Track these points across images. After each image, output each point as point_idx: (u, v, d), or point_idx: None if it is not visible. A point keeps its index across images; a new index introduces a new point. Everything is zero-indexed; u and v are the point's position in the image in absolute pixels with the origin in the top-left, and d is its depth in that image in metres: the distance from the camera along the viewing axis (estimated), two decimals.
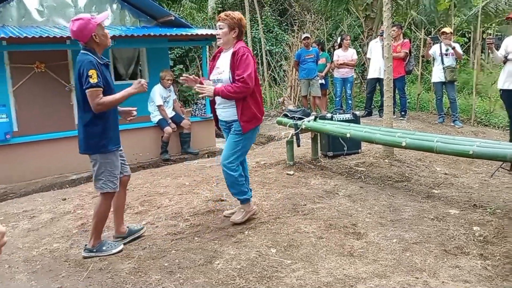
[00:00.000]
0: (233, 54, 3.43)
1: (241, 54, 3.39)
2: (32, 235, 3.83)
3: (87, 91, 3.05)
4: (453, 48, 7.89)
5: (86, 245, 3.35)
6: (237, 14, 3.54)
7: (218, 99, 3.60)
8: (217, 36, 3.56)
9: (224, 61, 3.54)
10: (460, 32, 15.95)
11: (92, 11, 7.89)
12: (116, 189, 3.31)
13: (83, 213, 4.32)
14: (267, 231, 3.51)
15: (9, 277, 3.05)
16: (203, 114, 8.33)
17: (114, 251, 3.31)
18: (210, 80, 3.63)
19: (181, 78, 3.61)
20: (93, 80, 3.03)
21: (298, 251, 3.13)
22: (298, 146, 5.22)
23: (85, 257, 3.28)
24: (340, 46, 9.45)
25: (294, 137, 5.20)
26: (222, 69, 3.53)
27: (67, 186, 6.14)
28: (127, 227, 3.58)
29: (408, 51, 8.44)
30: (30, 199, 5.09)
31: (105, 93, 3.13)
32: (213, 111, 3.79)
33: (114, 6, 8.16)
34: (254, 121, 3.54)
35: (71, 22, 3.14)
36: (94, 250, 3.29)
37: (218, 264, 3.02)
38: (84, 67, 3.05)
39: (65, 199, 4.85)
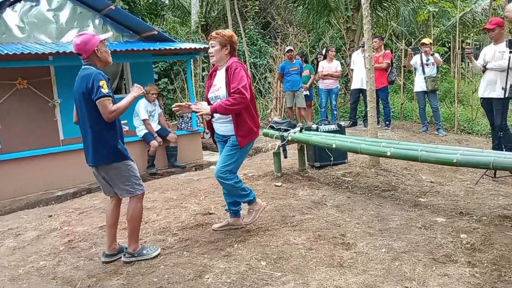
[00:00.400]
0: (226, 69, 3.50)
1: (234, 68, 3.45)
2: (18, 253, 3.76)
3: (99, 101, 3.09)
4: (432, 55, 8.07)
5: (126, 248, 3.38)
6: (227, 31, 3.62)
7: (216, 115, 3.63)
8: (210, 55, 3.62)
9: (220, 79, 3.60)
10: (440, 42, 16.35)
11: (74, 26, 7.88)
12: (144, 190, 3.43)
13: (69, 229, 4.25)
14: (256, 243, 3.51)
15: None
16: (189, 128, 8.32)
17: (154, 254, 3.39)
18: (208, 97, 3.69)
19: (173, 108, 3.69)
20: (105, 90, 3.09)
21: (288, 263, 3.12)
22: (286, 157, 5.25)
23: (126, 262, 3.32)
24: (325, 57, 9.58)
25: (281, 148, 5.23)
26: (218, 86, 3.59)
27: (53, 202, 6.05)
28: (118, 244, 3.54)
29: (390, 62, 8.60)
30: (15, 216, 5.00)
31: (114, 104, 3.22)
32: (209, 123, 3.85)
33: (96, 21, 8.15)
34: (251, 135, 3.59)
35: (76, 37, 3.23)
36: (136, 255, 3.33)
37: (208, 278, 3.00)
38: (94, 79, 3.10)
39: (51, 216, 4.78)
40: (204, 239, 3.70)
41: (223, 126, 3.65)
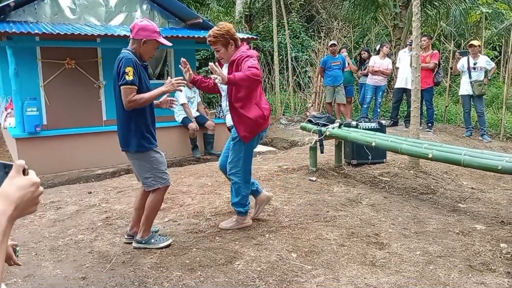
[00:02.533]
0: (231, 63, 3.40)
1: (238, 59, 3.34)
2: (58, 226, 3.92)
3: (122, 87, 3.09)
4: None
5: (135, 236, 3.39)
6: (222, 27, 3.41)
7: (223, 105, 3.63)
8: (220, 60, 3.52)
9: (225, 69, 3.49)
10: (491, 45, 15.66)
11: (122, 10, 8.07)
12: (167, 183, 3.35)
13: (107, 207, 4.39)
14: (288, 235, 3.51)
15: (35, 264, 3.13)
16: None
17: (161, 244, 3.34)
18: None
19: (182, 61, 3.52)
20: (129, 77, 3.07)
21: (319, 257, 3.11)
22: (322, 152, 5.20)
23: (135, 248, 3.34)
24: (378, 52, 9.35)
25: (318, 143, 5.18)
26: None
27: (93, 180, 6.26)
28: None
29: (437, 62, 8.32)
30: (57, 190, 5.21)
31: (141, 93, 3.16)
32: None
33: (144, 6, 8.31)
34: (256, 128, 3.48)
35: (144, 19, 3.25)
36: (143, 242, 3.34)
37: (239, 265, 3.03)
38: (123, 64, 3.10)
39: (90, 193, 4.95)
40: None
41: (229, 115, 3.58)
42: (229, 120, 3.65)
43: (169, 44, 3.36)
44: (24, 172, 0.99)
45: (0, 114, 8.24)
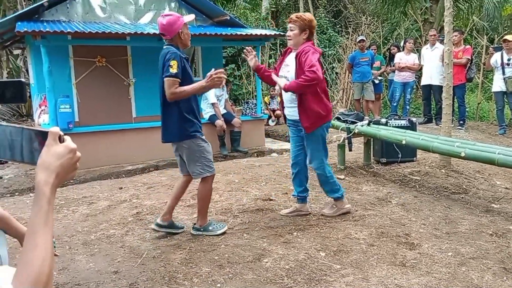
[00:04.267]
0: (298, 53, 3.50)
1: (306, 52, 3.44)
2: (91, 220, 4.03)
3: (165, 79, 3.19)
4: None
5: (194, 224, 3.56)
6: (308, 15, 3.61)
7: (285, 99, 3.72)
8: (288, 38, 3.64)
9: (292, 59, 3.62)
10: None
11: (151, 8, 8.17)
12: (213, 172, 3.49)
13: (138, 202, 4.48)
14: (316, 234, 3.49)
15: (69, 258, 3.23)
16: (253, 114, 8.40)
17: (218, 232, 3.50)
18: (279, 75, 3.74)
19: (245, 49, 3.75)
20: (173, 70, 3.16)
21: (348, 257, 3.09)
22: (350, 150, 5.15)
23: (193, 234, 3.50)
24: (403, 49, 9.22)
25: (346, 141, 5.13)
26: (289, 68, 3.62)
27: (123, 176, 6.40)
28: (172, 220, 3.62)
29: (470, 58, 8.09)
30: (89, 186, 5.35)
31: (187, 84, 3.25)
32: (282, 110, 3.95)
33: (172, 4, 8.39)
34: (319, 120, 3.59)
35: (161, 17, 3.31)
36: (202, 229, 3.50)
37: (267, 262, 3.04)
38: (168, 58, 3.19)
39: (121, 188, 5.06)
40: (263, 224, 3.75)
41: (293, 110, 3.68)
42: (293, 115, 3.71)
43: (193, 17, 3.48)
44: (60, 139, 0.99)
45: (34, 111, 8.50)
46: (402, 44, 9.42)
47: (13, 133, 1.02)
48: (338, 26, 15.51)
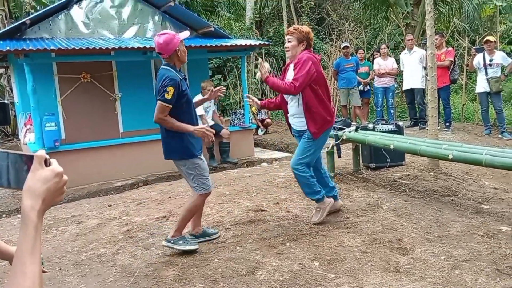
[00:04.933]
0: (294, 65, 3.63)
1: (302, 60, 3.56)
2: (81, 240, 3.97)
3: (158, 102, 3.24)
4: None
5: (167, 236, 3.53)
6: (305, 28, 3.74)
7: (290, 110, 3.84)
8: (286, 49, 3.78)
9: (291, 73, 3.73)
10: (507, 39, 15.39)
11: (135, 22, 8.17)
12: (209, 190, 3.52)
13: (128, 219, 4.43)
14: (309, 243, 3.48)
15: (60, 279, 3.17)
16: (242, 124, 8.39)
17: (187, 247, 3.43)
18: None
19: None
20: (168, 96, 3.21)
21: (342, 265, 3.08)
22: (339, 157, 5.16)
23: (164, 246, 3.46)
24: (379, 54, 9.36)
25: (335, 147, 5.14)
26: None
27: (112, 192, 6.32)
28: (203, 228, 3.74)
29: (452, 59, 8.22)
30: (77, 204, 5.28)
31: (186, 105, 3.36)
32: (286, 119, 4.04)
33: (156, 18, 8.40)
34: (325, 125, 3.70)
35: (157, 36, 3.33)
36: (172, 242, 3.44)
37: (261, 275, 3.02)
38: (165, 83, 3.23)
39: (110, 205, 5.00)
40: (256, 235, 3.73)
41: (299, 121, 3.79)
42: (299, 126, 3.80)
43: (188, 34, 3.51)
44: (46, 163, 0.98)
45: (20, 130, 8.39)
46: (377, 50, 9.56)
47: (7, 158, 1.00)
48: (321, 33, 15.63)
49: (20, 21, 7.26)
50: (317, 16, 16.57)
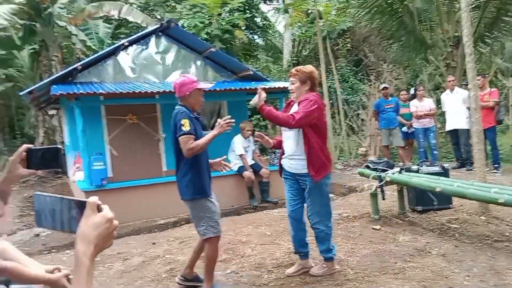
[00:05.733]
0: (300, 102, 3.50)
1: (308, 99, 3.44)
2: (126, 277, 4.02)
3: (180, 138, 3.28)
4: None
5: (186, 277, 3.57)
6: (308, 67, 3.61)
7: (287, 150, 3.64)
8: (290, 91, 3.65)
9: (295, 108, 3.59)
10: None
11: (178, 67, 8.53)
12: (218, 233, 3.44)
13: (171, 257, 4.46)
14: None
15: None
16: None
17: None
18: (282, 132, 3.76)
19: (256, 134, 3.83)
20: (185, 128, 3.26)
21: None
22: (383, 199, 5.06)
23: None
24: (414, 97, 9.27)
25: (379, 190, 5.05)
26: None
27: (155, 230, 6.42)
28: (195, 273, 3.69)
29: (497, 100, 8.03)
30: (123, 241, 5.37)
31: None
32: (279, 159, 3.82)
33: (198, 62, 8.75)
34: (324, 169, 3.51)
35: (179, 76, 3.49)
36: None
37: None
38: (179, 118, 3.31)
39: (154, 243, 5.06)
40: (299, 279, 3.67)
41: (294, 163, 3.58)
42: (295, 168, 3.60)
43: (209, 86, 3.57)
44: (98, 209, 1.03)
45: (69, 168, 8.76)
46: (412, 92, 9.46)
47: (53, 203, 1.07)
48: (360, 74, 15.73)
49: (72, 67, 7.72)
50: (354, 58, 16.77)
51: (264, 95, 3.43)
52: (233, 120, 3.33)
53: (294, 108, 3.60)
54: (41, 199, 1.08)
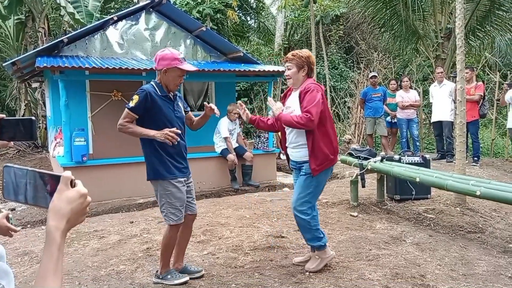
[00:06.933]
0: (301, 92, 3.34)
1: (308, 90, 3.29)
2: (101, 255, 4.00)
3: (125, 109, 3.16)
4: None
5: (157, 270, 3.41)
6: (304, 52, 3.46)
7: (289, 138, 3.52)
8: (286, 77, 3.49)
9: (293, 100, 3.46)
10: None
11: (167, 45, 8.36)
12: (178, 222, 3.25)
13: (148, 237, 4.45)
14: (329, 274, 3.41)
15: None
16: (265, 148, 8.41)
17: (176, 281, 3.29)
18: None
19: (239, 103, 3.59)
20: (132, 103, 3.11)
21: None
22: (363, 186, 5.10)
23: (154, 282, 3.34)
24: (401, 87, 9.33)
25: (359, 177, 5.09)
26: (292, 109, 3.44)
27: (134, 209, 6.39)
28: (185, 265, 3.52)
29: (482, 94, 8.10)
30: (100, 219, 5.34)
31: (162, 123, 3.14)
32: (284, 149, 3.70)
33: (188, 41, 8.63)
34: (326, 163, 3.35)
35: (164, 48, 3.29)
36: (161, 277, 3.34)
37: None
38: (137, 91, 3.15)
39: (132, 222, 5.04)
40: (275, 262, 3.69)
41: (296, 151, 3.45)
42: (297, 156, 3.47)
43: (193, 69, 3.33)
44: (72, 184, 1.01)
45: (49, 143, 8.64)
46: (399, 82, 9.51)
47: (25, 176, 1.03)
48: (349, 62, 15.70)
49: (58, 39, 7.56)
50: (346, 45, 16.70)
51: (279, 105, 3.36)
52: (178, 139, 3.09)
53: (294, 98, 3.44)
54: (11, 172, 1.04)
